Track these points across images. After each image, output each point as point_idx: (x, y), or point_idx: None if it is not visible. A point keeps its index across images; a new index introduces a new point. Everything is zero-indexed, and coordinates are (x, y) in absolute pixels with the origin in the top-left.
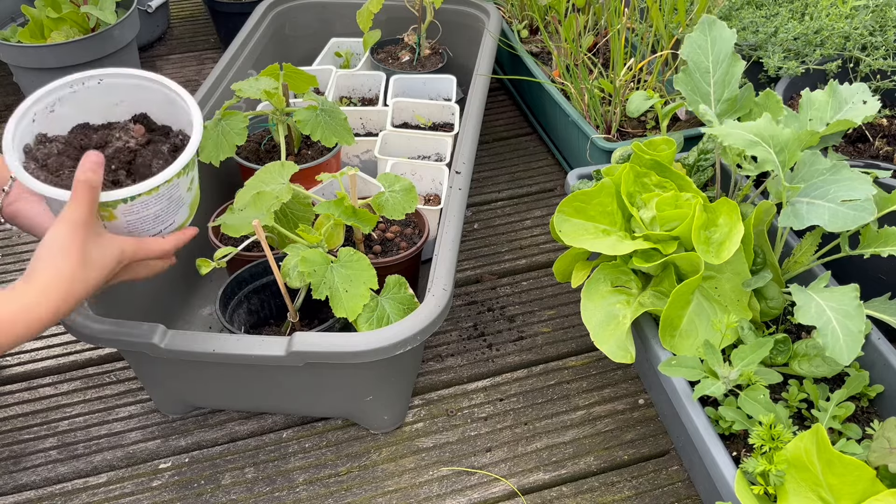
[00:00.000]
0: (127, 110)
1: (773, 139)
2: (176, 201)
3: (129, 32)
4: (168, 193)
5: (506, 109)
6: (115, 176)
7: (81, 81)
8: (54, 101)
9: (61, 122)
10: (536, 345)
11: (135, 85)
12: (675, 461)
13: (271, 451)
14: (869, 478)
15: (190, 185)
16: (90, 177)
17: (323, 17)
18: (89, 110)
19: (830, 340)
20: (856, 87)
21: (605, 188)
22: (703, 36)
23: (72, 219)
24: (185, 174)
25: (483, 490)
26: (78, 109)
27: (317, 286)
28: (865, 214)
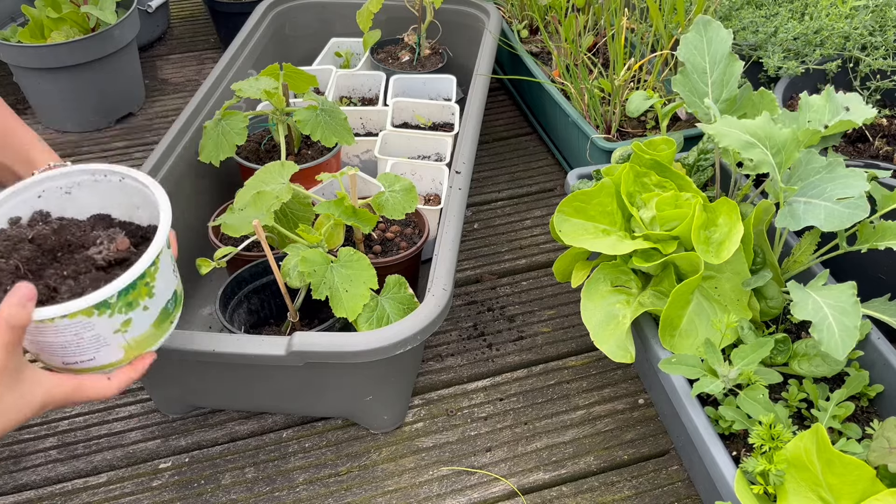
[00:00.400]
0: (145, 216)
1: (769, 140)
2: (92, 339)
3: (129, 32)
4: (72, 328)
5: (506, 109)
6: (60, 286)
7: (104, 173)
8: (72, 185)
9: (79, 206)
10: (536, 345)
11: (148, 196)
12: (675, 461)
13: (271, 450)
14: (869, 477)
15: (122, 328)
16: (14, 314)
17: (323, 17)
18: (113, 204)
19: (826, 335)
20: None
21: (604, 188)
22: (699, 36)
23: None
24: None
25: (483, 490)
26: (100, 199)
27: (317, 286)
28: (859, 212)
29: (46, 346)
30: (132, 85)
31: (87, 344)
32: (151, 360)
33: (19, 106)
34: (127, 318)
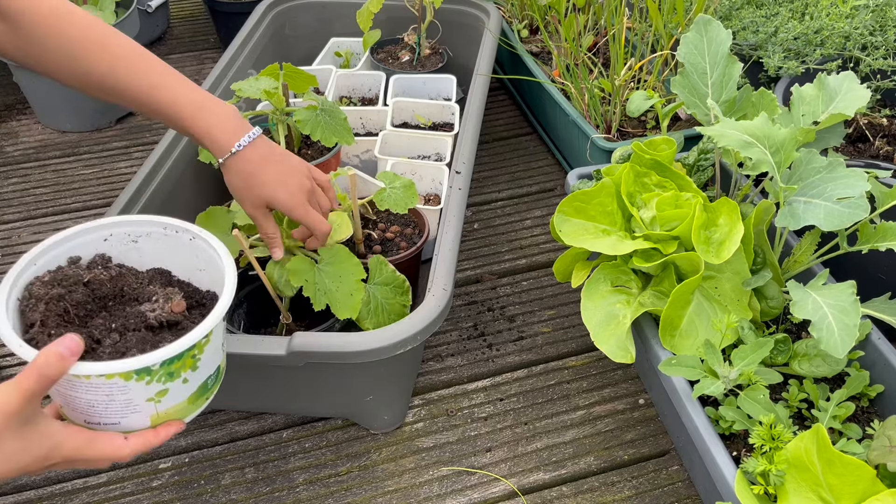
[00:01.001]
0: (205, 280)
1: (768, 139)
2: (123, 403)
3: (129, 32)
4: (106, 389)
5: (506, 109)
6: (105, 338)
7: (175, 230)
8: (141, 234)
9: (142, 256)
10: (536, 345)
11: (214, 262)
12: (676, 461)
13: (271, 451)
14: (869, 477)
15: (156, 397)
16: (50, 365)
17: (323, 17)
18: (176, 261)
19: (825, 334)
20: (843, 75)
21: (605, 188)
22: (699, 36)
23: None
24: (135, 379)
25: (483, 490)
26: (165, 254)
27: (317, 299)
28: (860, 212)
29: (73, 401)
30: None
31: (117, 407)
32: (177, 431)
33: (19, 106)
34: (164, 388)
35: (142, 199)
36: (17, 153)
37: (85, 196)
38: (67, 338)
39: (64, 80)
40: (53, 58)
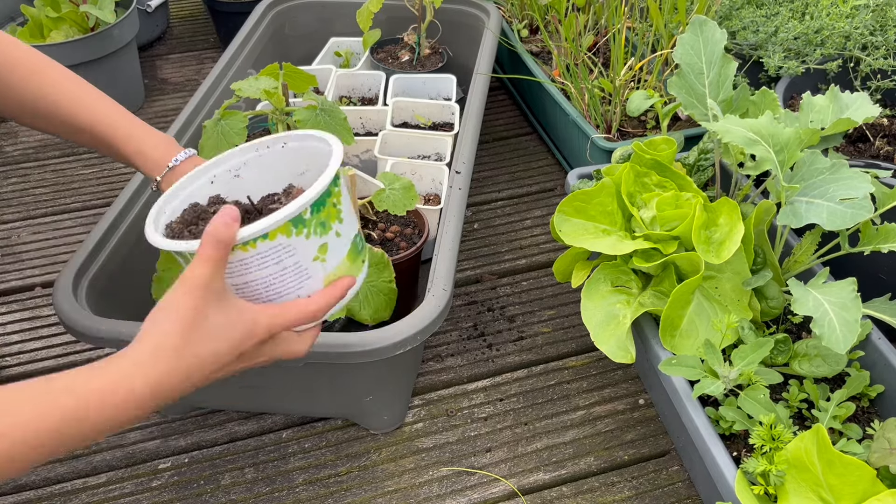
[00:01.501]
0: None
1: (772, 138)
2: (294, 269)
3: (129, 32)
4: (274, 255)
5: (506, 109)
6: None
7: (266, 145)
8: (240, 165)
9: (246, 187)
10: (536, 345)
11: (313, 148)
12: (676, 461)
13: (271, 451)
14: (869, 478)
15: (319, 254)
16: (220, 230)
17: (323, 17)
18: (277, 177)
19: (827, 330)
20: (857, 95)
21: (605, 188)
22: (695, 37)
23: (189, 277)
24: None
25: (483, 490)
26: (265, 176)
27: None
28: (863, 212)
29: (250, 288)
30: (132, 85)
31: (291, 277)
32: (349, 286)
33: None
34: (323, 242)
35: (141, 198)
36: (16, 153)
37: (84, 196)
38: (225, 207)
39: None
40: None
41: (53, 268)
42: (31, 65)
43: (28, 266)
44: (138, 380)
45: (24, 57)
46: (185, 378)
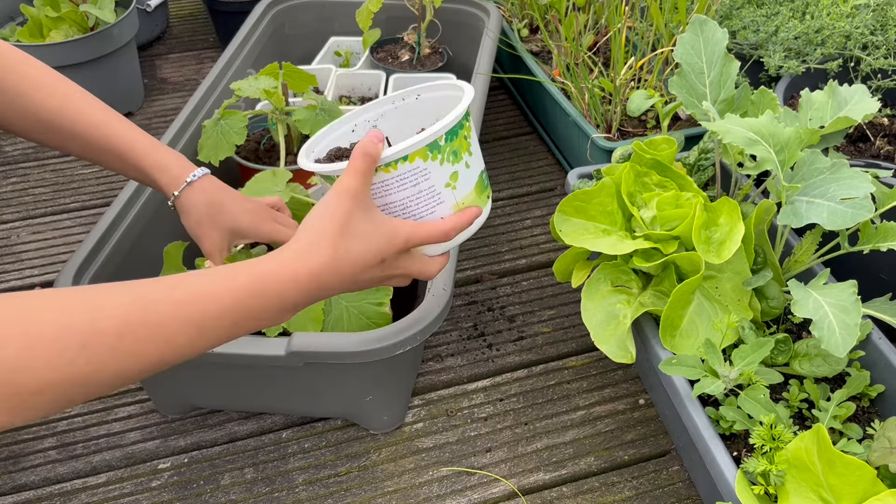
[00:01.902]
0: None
1: (773, 138)
2: (429, 192)
3: (129, 31)
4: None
5: (506, 109)
6: None
7: (402, 97)
8: (377, 117)
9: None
10: (536, 345)
11: (444, 97)
12: (676, 461)
13: (271, 451)
14: (870, 478)
15: (451, 181)
16: (368, 147)
17: (322, 16)
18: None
19: (826, 333)
20: (855, 87)
21: (605, 188)
22: (696, 37)
23: (340, 187)
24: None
25: (483, 490)
26: (398, 126)
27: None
28: (864, 212)
29: (389, 210)
30: (131, 84)
31: (425, 199)
32: (476, 215)
33: None
34: (454, 170)
35: (141, 198)
36: (16, 153)
37: (84, 196)
38: (371, 131)
39: (7, 121)
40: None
41: (53, 268)
42: (50, 83)
43: (27, 266)
44: (300, 267)
45: (41, 74)
46: (335, 272)
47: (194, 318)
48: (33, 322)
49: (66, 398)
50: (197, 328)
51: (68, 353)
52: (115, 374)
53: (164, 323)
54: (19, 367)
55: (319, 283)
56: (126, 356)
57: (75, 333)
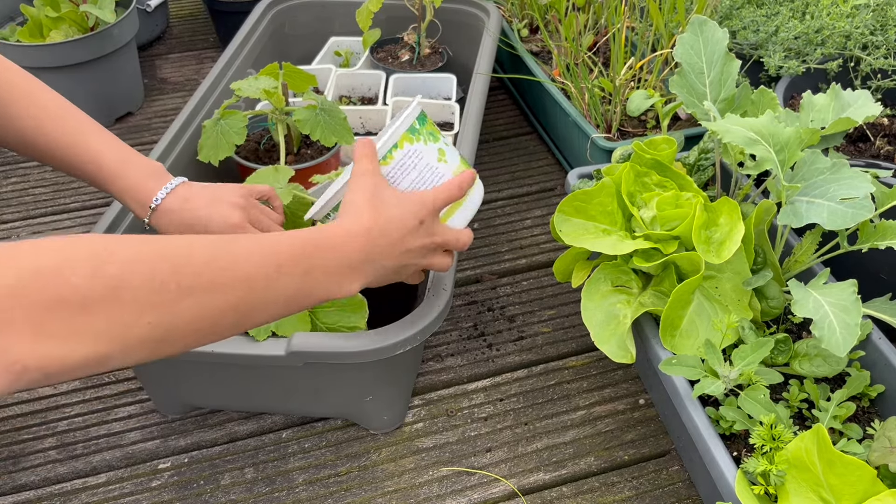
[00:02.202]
0: None
1: (773, 138)
2: (427, 169)
3: (129, 32)
4: (409, 159)
5: (506, 109)
6: None
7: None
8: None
9: None
10: (536, 345)
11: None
12: (676, 461)
13: (271, 451)
14: (870, 478)
15: (440, 157)
16: (362, 148)
17: (322, 16)
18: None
19: (827, 333)
20: (859, 93)
21: (605, 188)
22: (695, 36)
23: (355, 174)
24: (414, 140)
25: (483, 490)
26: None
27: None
28: (864, 212)
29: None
30: (131, 84)
31: (428, 176)
32: (472, 176)
33: None
34: (439, 147)
35: None
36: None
37: (84, 196)
38: (360, 140)
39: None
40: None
41: None
42: (29, 94)
43: None
44: (352, 225)
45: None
46: (382, 232)
47: (273, 256)
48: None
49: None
50: (275, 267)
51: (160, 274)
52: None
53: (249, 253)
54: (120, 284)
55: (370, 240)
56: (210, 287)
57: (169, 257)
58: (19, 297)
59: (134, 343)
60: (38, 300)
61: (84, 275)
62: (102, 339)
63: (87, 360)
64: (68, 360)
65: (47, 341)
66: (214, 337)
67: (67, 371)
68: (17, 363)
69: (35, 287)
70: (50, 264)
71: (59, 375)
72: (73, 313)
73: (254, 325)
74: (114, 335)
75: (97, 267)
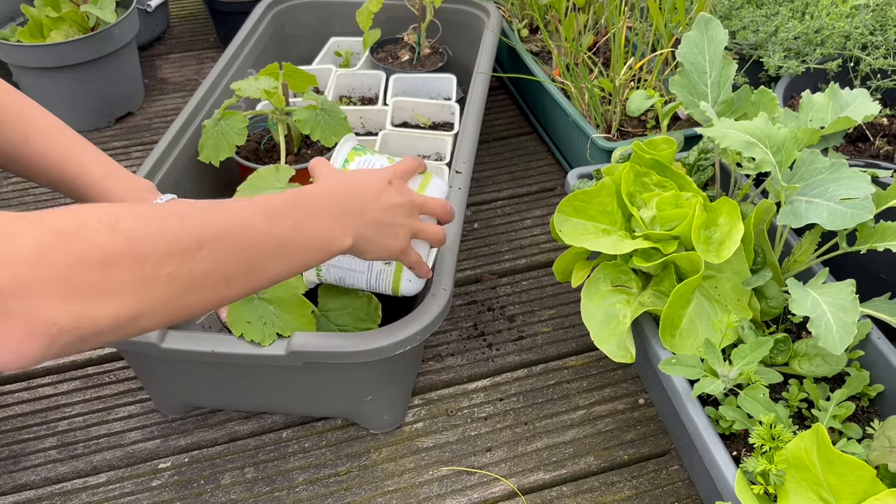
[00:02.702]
0: None
1: (769, 139)
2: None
3: (129, 32)
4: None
5: (506, 109)
6: None
7: None
8: None
9: None
10: (536, 344)
11: None
12: (676, 461)
13: (271, 450)
14: (869, 477)
15: (391, 160)
16: (314, 163)
17: (323, 17)
18: None
19: (823, 331)
20: (857, 91)
21: (605, 188)
22: (700, 35)
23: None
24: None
25: (483, 490)
26: None
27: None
28: (864, 213)
29: None
30: (131, 84)
31: None
32: (422, 161)
33: None
34: (385, 156)
35: None
36: None
37: None
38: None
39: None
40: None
41: None
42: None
43: None
44: (324, 183)
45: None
46: (350, 182)
47: (261, 210)
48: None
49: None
50: (267, 219)
51: (171, 227)
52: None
53: (240, 208)
54: (137, 237)
55: (345, 193)
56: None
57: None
58: (47, 260)
59: (157, 298)
60: (65, 261)
61: (103, 231)
62: (129, 295)
63: (117, 320)
64: (100, 319)
65: (79, 301)
66: (230, 292)
67: (100, 332)
68: (54, 325)
69: (61, 248)
70: (70, 225)
71: (93, 338)
72: (98, 270)
73: (267, 281)
74: (138, 290)
75: (113, 224)
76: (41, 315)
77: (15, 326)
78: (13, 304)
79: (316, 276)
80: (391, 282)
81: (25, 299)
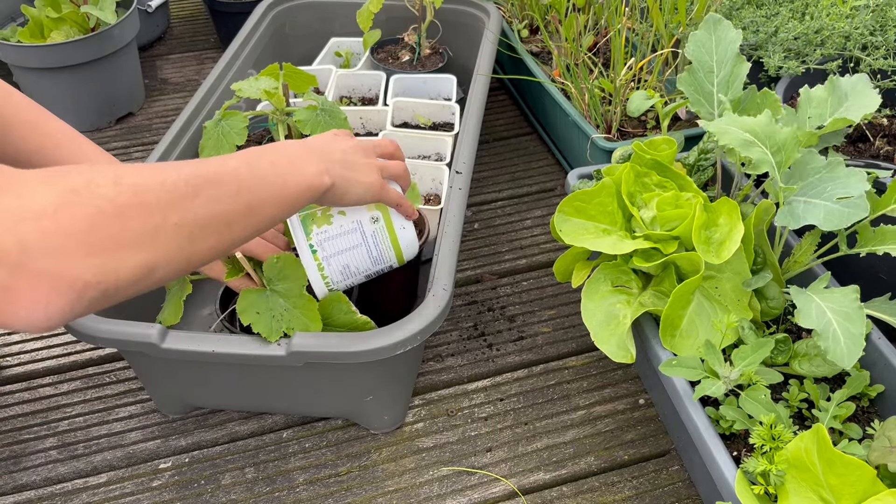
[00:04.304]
0: None
1: (769, 139)
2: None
3: (129, 32)
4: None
5: (506, 109)
6: None
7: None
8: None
9: None
10: (536, 345)
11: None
12: (676, 461)
13: (271, 451)
14: (870, 478)
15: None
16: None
17: (323, 17)
18: None
19: (832, 344)
20: (856, 78)
21: (605, 188)
22: (708, 35)
23: None
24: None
25: (483, 490)
26: None
27: (273, 329)
28: (859, 211)
29: None
30: (132, 85)
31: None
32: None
33: None
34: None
35: None
36: None
37: None
38: None
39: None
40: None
41: None
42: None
43: None
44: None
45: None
46: (311, 141)
47: (239, 158)
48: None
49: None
50: (246, 165)
51: (169, 178)
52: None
53: (221, 159)
54: (141, 189)
55: (303, 143)
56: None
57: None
58: (66, 216)
59: (169, 247)
60: (83, 216)
61: (110, 185)
62: (144, 245)
63: (136, 272)
64: (121, 271)
65: (100, 254)
66: (233, 236)
67: (121, 286)
68: (79, 280)
69: (77, 204)
70: (80, 181)
71: (115, 293)
72: (112, 222)
73: (265, 223)
74: (151, 240)
75: (116, 179)
76: (66, 271)
77: (41, 285)
78: (37, 262)
79: (321, 277)
80: (388, 238)
81: (49, 256)
